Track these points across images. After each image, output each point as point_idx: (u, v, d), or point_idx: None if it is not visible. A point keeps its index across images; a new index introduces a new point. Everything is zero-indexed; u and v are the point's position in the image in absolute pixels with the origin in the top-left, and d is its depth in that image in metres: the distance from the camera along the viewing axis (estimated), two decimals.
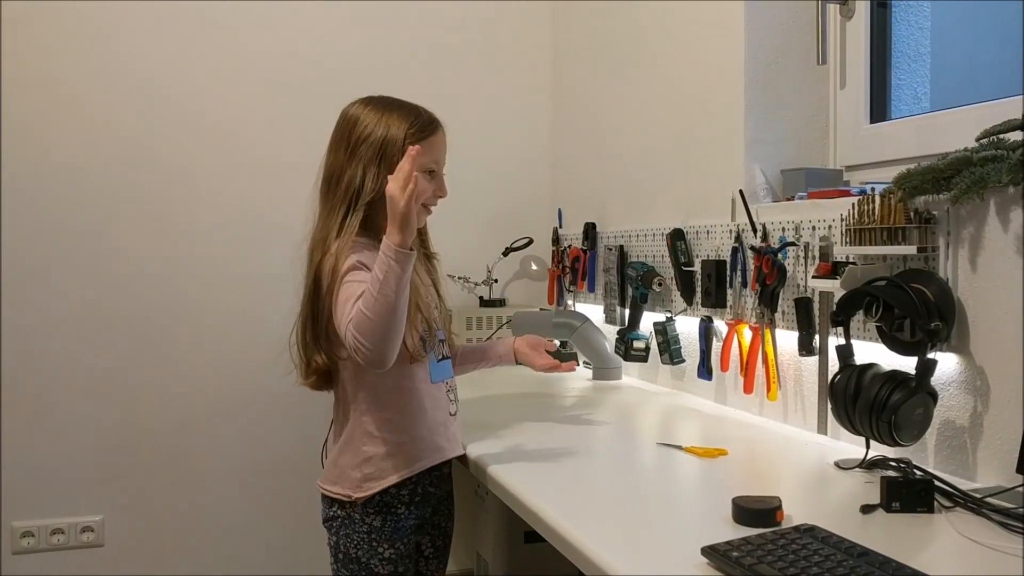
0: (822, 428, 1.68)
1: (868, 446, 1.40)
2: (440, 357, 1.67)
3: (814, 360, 1.70)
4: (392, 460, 1.59)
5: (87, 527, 2.60)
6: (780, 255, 1.75)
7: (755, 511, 1.14)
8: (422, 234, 1.75)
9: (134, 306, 2.63)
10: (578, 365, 1.82)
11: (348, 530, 1.62)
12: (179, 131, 2.66)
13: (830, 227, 1.63)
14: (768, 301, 1.78)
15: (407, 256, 1.37)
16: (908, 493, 1.20)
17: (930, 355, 1.31)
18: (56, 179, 2.55)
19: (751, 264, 1.84)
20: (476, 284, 2.91)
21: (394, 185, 1.37)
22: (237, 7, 2.70)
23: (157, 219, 2.65)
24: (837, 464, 1.45)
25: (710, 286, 1.99)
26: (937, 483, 1.23)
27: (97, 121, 2.58)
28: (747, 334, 1.87)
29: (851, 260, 1.54)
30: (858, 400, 1.36)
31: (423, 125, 1.61)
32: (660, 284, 2.21)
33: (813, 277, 1.60)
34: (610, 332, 2.47)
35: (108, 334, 2.61)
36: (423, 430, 1.61)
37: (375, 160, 1.57)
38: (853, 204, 1.50)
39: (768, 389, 1.82)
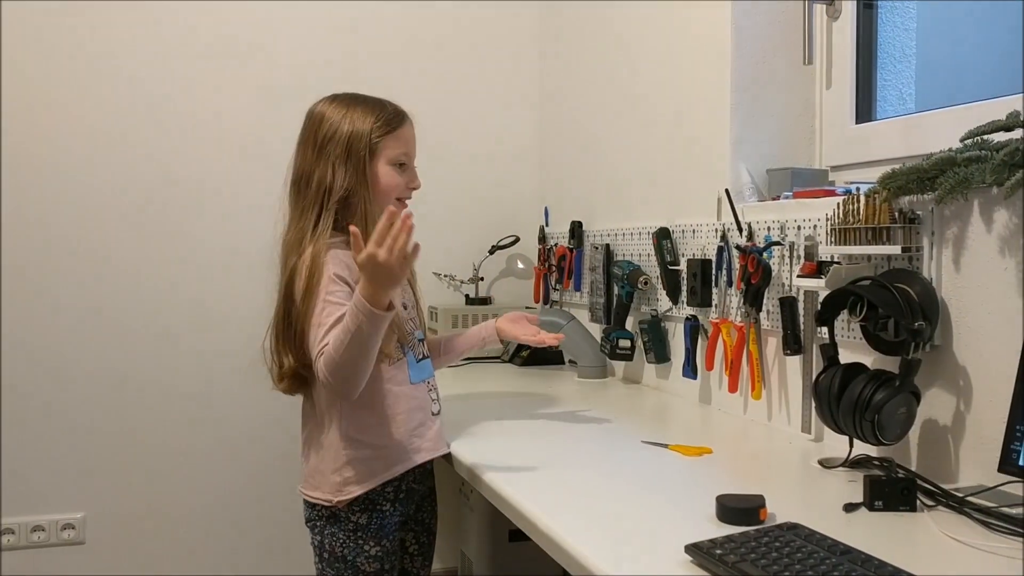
0: (806, 427, 1.68)
1: (851, 445, 1.40)
2: (420, 357, 1.66)
3: (798, 359, 1.70)
4: (373, 464, 1.58)
5: (68, 524, 2.58)
6: (765, 254, 1.75)
7: (739, 509, 1.15)
8: None
9: (117, 303, 2.62)
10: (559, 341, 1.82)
11: (333, 528, 1.60)
12: (170, 131, 2.65)
13: (815, 227, 1.64)
14: (753, 300, 1.78)
15: (383, 319, 1.37)
16: (891, 492, 1.20)
17: (913, 355, 1.31)
18: (42, 178, 2.54)
19: (736, 263, 1.85)
20: (462, 282, 2.90)
21: (374, 247, 1.32)
22: (228, 8, 2.69)
23: (144, 218, 2.63)
24: (821, 463, 1.45)
25: (695, 285, 1.99)
26: (919, 482, 1.24)
27: (87, 121, 2.57)
28: (732, 333, 1.87)
29: (836, 260, 1.54)
30: (842, 399, 1.36)
31: (389, 118, 1.60)
32: (646, 283, 2.21)
33: (798, 276, 1.61)
34: (596, 331, 2.47)
35: (91, 331, 2.59)
36: (404, 432, 1.59)
37: (343, 157, 1.56)
38: (838, 204, 1.51)
39: (752, 388, 1.82)
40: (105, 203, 2.60)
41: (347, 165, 1.56)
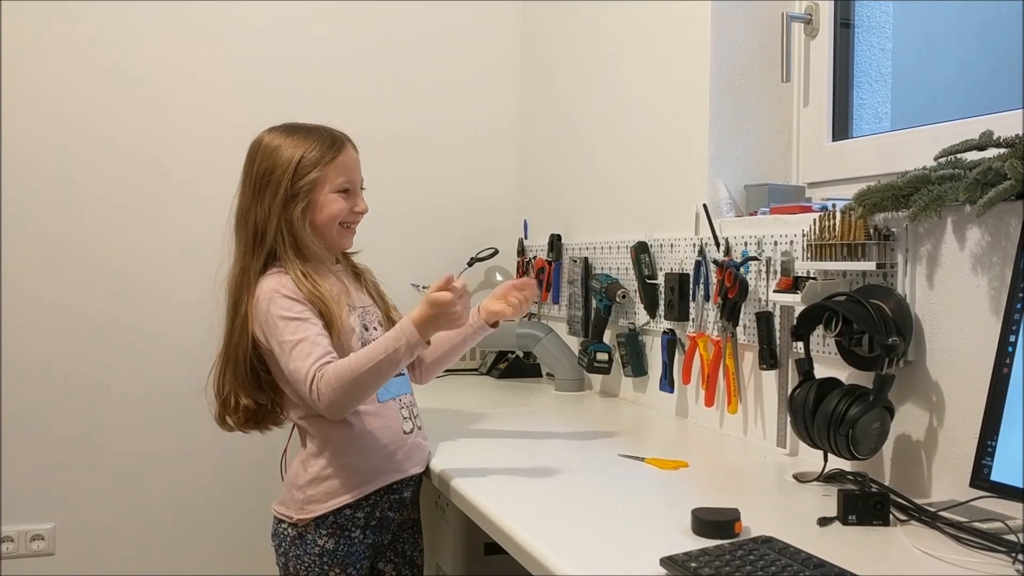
0: (781, 441, 1.69)
1: (826, 459, 1.41)
2: None
3: (774, 374, 1.71)
4: (334, 482, 1.56)
5: (37, 535, 2.54)
6: (742, 269, 1.76)
7: (714, 523, 1.15)
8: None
9: (87, 309, 2.58)
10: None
11: (299, 551, 1.57)
12: (161, 128, 2.63)
13: (791, 242, 1.65)
14: (730, 315, 1.79)
15: (420, 346, 1.46)
16: (864, 506, 1.21)
17: (887, 370, 1.32)
18: (12, 175, 2.51)
19: (714, 278, 1.86)
20: None
21: (443, 288, 1.43)
22: (220, 10, 2.69)
23: (125, 222, 2.61)
24: (795, 477, 1.46)
25: (673, 299, 2.00)
26: (892, 496, 1.25)
27: (76, 117, 2.55)
28: (709, 347, 1.88)
29: (812, 275, 1.56)
30: (816, 414, 1.37)
31: (325, 148, 1.58)
32: (624, 296, 2.21)
33: (774, 291, 1.62)
34: (573, 344, 2.47)
35: (60, 338, 2.56)
36: (369, 452, 1.57)
37: (284, 193, 1.55)
38: (814, 220, 1.52)
39: (729, 402, 1.83)
40: (76, 205, 2.57)
41: (287, 201, 1.55)
